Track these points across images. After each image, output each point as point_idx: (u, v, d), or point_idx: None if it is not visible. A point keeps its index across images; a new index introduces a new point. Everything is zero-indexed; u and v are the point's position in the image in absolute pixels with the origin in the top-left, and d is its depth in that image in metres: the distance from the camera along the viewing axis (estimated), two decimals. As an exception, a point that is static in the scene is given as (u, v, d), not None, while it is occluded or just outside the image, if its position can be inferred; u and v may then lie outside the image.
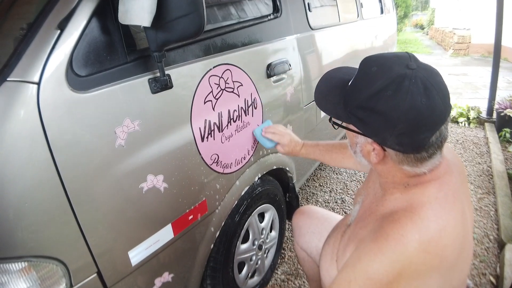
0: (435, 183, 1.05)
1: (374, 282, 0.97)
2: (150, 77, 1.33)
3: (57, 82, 1.07)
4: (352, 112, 1.02)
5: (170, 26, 1.18)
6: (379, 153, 1.04)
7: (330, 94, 1.13)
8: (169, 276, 1.56)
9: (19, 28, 1.18)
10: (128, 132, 1.25)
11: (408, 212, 1.01)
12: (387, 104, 0.93)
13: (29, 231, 1.05)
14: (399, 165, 1.04)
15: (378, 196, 1.20)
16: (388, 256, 0.96)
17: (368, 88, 0.96)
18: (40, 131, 1.03)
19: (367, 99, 0.96)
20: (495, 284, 2.49)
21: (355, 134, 1.09)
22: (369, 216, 1.18)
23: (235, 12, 1.90)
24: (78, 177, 1.13)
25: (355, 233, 1.21)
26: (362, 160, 1.14)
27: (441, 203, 1.02)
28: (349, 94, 1.04)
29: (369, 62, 1.01)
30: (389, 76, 0.94)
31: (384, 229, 1.01)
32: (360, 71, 1.03)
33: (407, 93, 0.91)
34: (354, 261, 1.04)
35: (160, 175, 1.39)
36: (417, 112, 0.91)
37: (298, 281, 2.57)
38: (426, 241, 0.96)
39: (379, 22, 4.97)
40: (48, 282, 1.13)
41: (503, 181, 3.74)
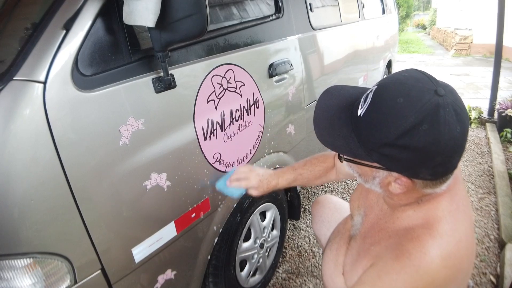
0: (446, 196, 1.02)
1: None
2: (154, 76, 1.34)
3: (63, 81, 1.08)
4: (374, 149, 0.91)
5: (174, 26, 1.19)
6: (407, 185, 0.95)
7: (335, 128, 1.03)
8: (171, 273, 1.57)
9: (23, 28, 1.19)
10: (132, 131, 1.26)
11: (426, 229, 0.98)
12: (424, 140, 0.83)
13: (35, 227, 1.06)
14: (422, 189, 0.97)
15: (386, 213, 1.17)
16: (411, 275, 0.93)
17: (398, 124, 0.84)
18: (46, 129, 1.04)
19: (399, 137, 0.84)
20: (496, 284, 2.50)
21: (374, 169, 0.98)
22: (378, 232, 1.15)
23: (238, 12, 1.91)
24: (83, 174, 1.15)
25: (365, 249, 1.17)
26: (374, 188, 1.05)
27: (454, 215, 1.00)
28: (365, 128, 0.93)
29: (390, 93, 0.89)
30: (421, 108, 0.83)
31: (404, 247, 0.97)
32: (379, 103, 0.90)
33: (445, 124, 0.82)
34: (373, 279, 1.01)
35: (163, 173, 1.40)
36: (454, 142, 0.85)
37: (299, 280, 2.59)
38: (447, 257, 0.94)
39: (381, 22, 4.97)
40: (53, 279, 1.15)
41: (504, 181, 3.74)
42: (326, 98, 1.09)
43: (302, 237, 3.05)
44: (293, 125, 2.39)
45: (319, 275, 2.61)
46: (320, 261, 2.74)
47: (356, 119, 0.96)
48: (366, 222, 1.27)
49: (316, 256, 2.80)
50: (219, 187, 1.63)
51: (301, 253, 2.86)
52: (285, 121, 2.27)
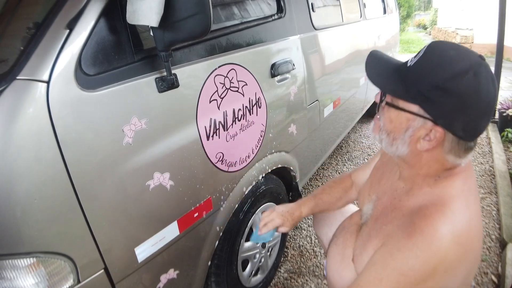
0: (460, 177, 1.07)
1: (408, 278, 0.97)
2: (157, 76, 1.34)
3: (66, 80, 1.08)
4: (421, 91, 0.99)
5: (177, 26, 1.19)
6: (439, 137, 1.00)
7: (385, 72, 1.11)
8: (174, 272, 1.57)
9: (26, 28, 1.20)
10: (135, 130, 1.27)
11: (439, 206, 1.01)
12: (467, 87, 0.93)
13: (38, 227, 1.07)
14: (446, 154, 1.04)
15: (401, 192, 1.19)
16: (423, 251, 0.96)
17: (447, 69, 0.96)
18: (49, 128, 1.04)
19: (447, 80, 0.95)
20: (497, 283, 2.50)
21: (410, 118, 1.03)
22: (392, 211, 1.17)
23: (240, 12, 1.91)
24: (86, 174, 1.15)
25: (376, 229, 1.20)
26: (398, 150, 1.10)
27: (466, 195, 1.05)
28: (415, 73, 1.01)
29: (442, 46, 1.01)
30: (469, 61, 0.95)
31: (417, 225, 1.00)
32: (430, 54, 1.01)
33: (485, 80, 0.94)
34: (384, 258, 1.04)
35: (166, 173, 1.40)
36: (489, 101, 0.96)
37: (301, 279, 2.59)
38: (458, 234, 0.97)
39: (382, 22, 4.98)
40: (56, 278, 1.14)
41: (505, 181, 3.74)
42: (377, 52, 1.21)
43: (303, 237, 3.05)
44: (295, 125, 2.39)
45: (321, 274, 2.61)
46: (321, 260, 2.74)
47: (406, 69, 1.05)
48: (378, 206, 1.29)
49: (318, 256, 2.80)
50: (253, 240, 1.69)
51: (302, 253, 2.86)
52: (287, 120, 2.27)
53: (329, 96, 3.03)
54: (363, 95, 4.36)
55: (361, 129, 5.63)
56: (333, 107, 3.15)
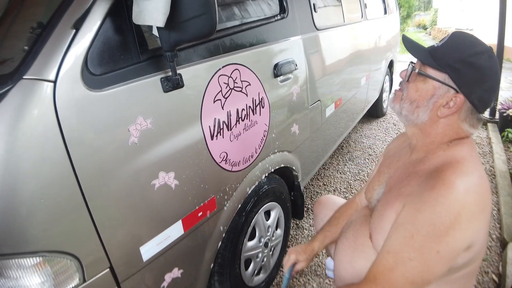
0: (468, 144, 1.23)
1: (437, 227, 1.04)
2: (162, 76, 1.35)
3: (73, 80, 1.09)
4: (449, 63, 1.18)
5: (183, 26, 1.20)
6: (459, 104, 1.18)
7: (420, 48, 1.29)
8: (178, 271, 1.58)
9: (33, 28, 1.20)
10: (141, 130, 1.27)
11: (453, 163, 1.13)
12: (485, 64, 1.16)
13: (44, 226, 1.07)
14: (461, 122, 1.22)
15: (415, 161, 1.31)
16: (448, 198, 1.05)
17: (470, 48, 1.17)
18: (56, 128, 1.05)
19: (470, 55, 1.15)
20: (498, 282, 2.50)
21: (437, 86, 1.21)
22: (408, 177, 1.27)
23: (243, 13, 1.92)
24: (92, 173, 1.15)
25: (393, 195, 1.28)
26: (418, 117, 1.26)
27: (474, 158, 1.18)
28: (442, 51, 1.21)
29: (463, 34, 1.24)
30: (484, 46, 1.19)
31: (436, 177, 1.11)
32: (455, 38, 1.23)
33: (495, 62, 1.18)
34: (411, 214, 1.12)
35: (171, 172, 1.41)
36: (497, 78, 1.23)
37: (303, 279, 2.59)
38: (473, 184, 1.08)
39: (383, 22, 4.99)
40: (62, 277, 1.15)
41: (506, 180, 3.74)
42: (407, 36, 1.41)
43: (305, 236, 3.05)
44: (297, 125, 2.39)
45: (323, 274, 2.62)
46: (323, 260, 2.74)
47: (434, 48, 1.24)
48: (391, 181, 1.39)
49: (319, 256, 2.80)
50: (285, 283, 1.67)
51: (304, 253, 2.85)
52: (289, 120, 2.28)
53: (330, 96, 3.03)
54: (364, 95, 4.36)
55: (362, 129, 5.63)
56: (334, 107, 3.15)
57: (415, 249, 1.07)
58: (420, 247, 1.06)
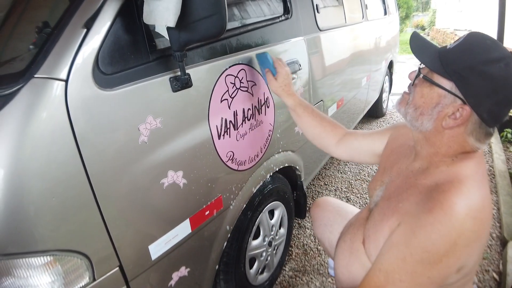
0: (475, 160, 1.13)
1: (431, 254, 1.01)
2: (171, 76, 1.35)
3: (84, 79, 1.09)
4: (457, 70, 1.07)
5: (193, 26, 1.21)
6: (465, 116, 1.08)
7: (426, 50, 1.19)
8: (185, 270, 1.58)
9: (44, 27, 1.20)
10: (150, 129, 1.28)
11: (455, 183, 1.06)
12: (499, 73, 1.02)
13: (55, 225, 1.07)
14: (467, 136, 1.11)
15: (417, 171, 1.24)
16: (445, 225, 1.00)
17: (483, 55, 1.05)
18: (67, 126, 1.05)
19: (482, 63, 1.04)
20: (498, 281, 2.53)
21: (442, 94, 1.11)
22: (407, 189, 1.21)
23: (249, 13, 1.93)
24: (103, 172, 1.15)
25: (390, 208, 1.22)
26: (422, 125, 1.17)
27: (480, 177, 1.10)
28: (453, 55, 1.10)
29: (480, 36, 1.11)
30: (503, 52, 1.04)
31: (436, 199, 1.05)
32: (470, 40, 1.10)
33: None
34: (406, 236, 1.07)
35: (180, 171, 1.42)
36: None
37: (306, 277, 2.61)
38: (475, 209, 1.02)
39: (383, 23, 5.00)
40: (72, 276, 1.15)
41: (505, 180, 3.77)
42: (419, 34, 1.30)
43: (307, 236, 3.07)
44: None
45: (325, 273, 2.63)
46: (325, 258, 2.76)
47: (446, 50, 1.13)
48: (391, 187, 1.32)
49: (322, 254, 2.82)
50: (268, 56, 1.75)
51: (306, 252, 2.88)
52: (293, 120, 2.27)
53: (333, 97, 3.05)
54: (364, 96, 4.38)
55: (362, 129, 5.64)
56: (336, 107, 3.17)
57: (406, 272, 1.04)
58: (411, 271, 1.04)
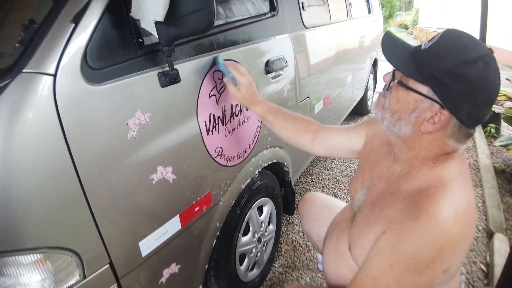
0: (457, 160, 1.11)
1: (418, 261, 0.99)
2: (159, 71, 1.35)
3: (72, 74, 1.08)
4: (433, 74, 1.02)
5: (181, 21, 1.21)
6: (443, 121, 1.04)
7: (400, 52, 1.14)
8: (176, 267, 1.58)
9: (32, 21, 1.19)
10: (139, 124, 1.27)
11: (440, 187, 1.04)
12: (477, 75, 0.97)
13: (45, 222, 1.06)
14: (447, 138, 1.08)
15: (399, 175, 1.21)
16: (431, 231, 0.98)
17: (460, 55, 0.99)
18: (56, 122, 1.04)
19: (459, 65, 0.98)
20: (486, 272, 2.58)
21: (419, 99, 1.06)
22: (390, 195, 1.18)
23: (236, 10, 1.93)
24: (92, 168, 1.15)
25: (375, 214, 1.19)
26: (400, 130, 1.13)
27: (463, 177, 1.09)
28: (428, 57, 1.04)
29: (456, 34, 1.05)
30: (481, 50, 0.99)
31: (421, 205, 1.03)
32: (445, 39, 1.04)
33: (493, 71, 0.99)
34: (392, 243, 1.05)
35: (169, 167, 1.41)
36: (495, 90, 1.00)
37: (296, 273, 2.62)
38: (461, 213, 1.01)
39: (367, 21, 5.04)
40: (63, 274, 1.14)
41: (490, 174, 3.85)
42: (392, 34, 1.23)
43: (296, 232, 3.08)
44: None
45: (315, 268, 2.65)
46: (315, 254, 2.78)
47: (420, 52, 1.08)
48: (373, 191, 1.29)
49: (311, 250, 2.84)
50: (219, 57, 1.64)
51: (296, 248, 2.90)
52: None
53: (319, 94, 3.07)
54: (349, 94, 4.41)
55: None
56: (323, 104, 3.18)
57: (393, 278, 1.03)
58: (399, 277, 1.02)
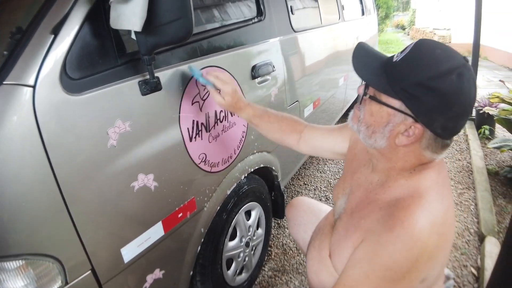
0: (434, 169, 1.10)
1: (394, 272, 0.99)
2: (140, 79, 1.36)
3: (52, 85, 1.09)
4: (404, 88, 1.00)
5: (160, 30, 1.22)
6: (418, 134, 1.03)
7: (370, 65, 1.12)
8: (160, 272, 1.59)
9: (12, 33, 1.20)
10: (119, 133, 1.28)
11: (416, 198, 1.04)
12: (450, 87, 0.96)
13: (26, 229, 1.08)
14: (423, 150, 1.07)
15: (376, 185, 1.20)
16: (406, 243, 0.98)
17: (432, 68, 0.98)
18: (36, 132, 1.05)
19: (431, 78, 0.96)
20: (477, 276, 2.57)
21: (392, 113, 1.05)
22: (368, 205, 1.18)
23: (221, 15, 1.94)
24: (72, 177, 1.16)
25: (353, 224, 1.19)
26: (376, 142, 1.12)
27: (441, 186, 1.09)
28: (400, 70, 1.03)
29: (428, 45, 1.03)
30: (454, 62, 0.98)
31: (396, 217, 1.02)
32: (417, 51, 1.03)
33: (467, 82, 0.97)
34: (369, 254, 1.05)
35: (150, 174, 1.42)
36: (469, 100, 0.99)
37: (285, 277, 2.63)
38: (437, 224, 1.01)
39: (361, 23, 5.05)
40: (45, 280, 1.16)
41: (483, 176, 3.84)
42: (364, 45, 1.22)
43: (286, 235, 3.09)
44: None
45: (304, 272, 2.65)
46: (304, 258, 2.77)
47: (391, 64, 1.06)
48: (353, 199, 1.29)
49: (301, 254, 2.84)
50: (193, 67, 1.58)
51: (286, 251, 2.90)
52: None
53: (309, 97, 3.07)
54: (342, 95, 4.41)
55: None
56: (313, 108, 3.19)
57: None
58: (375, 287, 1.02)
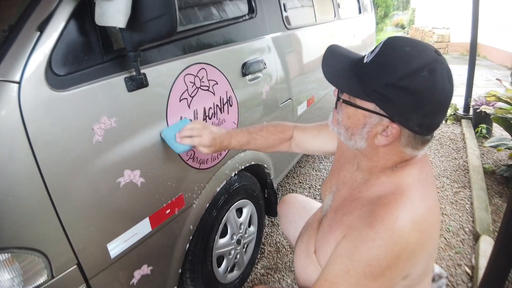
0: (417, 166, 1.10)
1: (373, 268, 0.99)
2: (126, 76, 1.37)
3: (37, 81, 1.11)
4: (376, 90, 0.99)
5: (144, 27, 1.23)
6: (395, 133, 1.02)
7: (341, 69, 1.11)
8: (148, 268, 1.60)
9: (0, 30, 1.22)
10: (105, 129, 1.29)
11: (397, 195, 1.04)
12: (423, 85, 0.94)
13: (12, 223, 1.09)
14: (403, 148, 1.06)
15: (360, 182, 1.21)
16: (386, 240, 0.98)
17: (402, 67, 0.96)
18: (21, 128, 1.07)
19: (401, 78, 0.95)
20: (471, 275, 2.57)
21: (367, 115, 1.05)
22: (351, 202, 1.18)
23: (210, 12, 1.95)
24: (58, 172, 1.17)
25: (336, 221, 1.20)
26: (356, 144, 1.12)
27: (423, 183, 1.08)
28: (370, 72, 1.02)
29: (399, 42, 1.01)
30: (424, 58, 0.96)
31: (377, 214, 1.02)
32: (387, 50, 1.01)
33: (440, 76, 0.96)
34: (349, 250, 1.05)
35: (136, 170, 1.43)
36: (444, 96, 0.98)
37: (278, 275, 2.64)
38: (419, 221, 1.00)
39: (357, 22, 5.03)
40: (30, 273, 1.17)
41: (479, 175, 3.85)
42: (336, 47, 1.21)
43: (280, 233, 3.09)
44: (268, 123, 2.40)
45: (297, 270, 2.65)
46: (297, 255, 2.78)
47: (362, 66, 1.05)
48: (338, 197, 1.30)
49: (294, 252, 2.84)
50: (166, 136, 1.54)
51: (279, 249, 2.91)
52: (260, 119, 2.32)
53: (302, 95, 3.07)
54: (338, 94, 4.38)
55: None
56: (307, 106, 3.19)
57: (350, 283, 1.02)
58: (355, 283, 1.01)
